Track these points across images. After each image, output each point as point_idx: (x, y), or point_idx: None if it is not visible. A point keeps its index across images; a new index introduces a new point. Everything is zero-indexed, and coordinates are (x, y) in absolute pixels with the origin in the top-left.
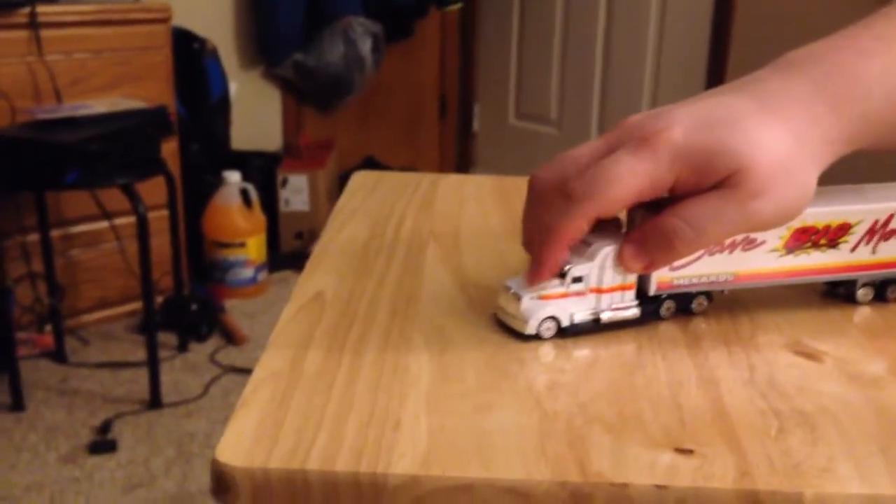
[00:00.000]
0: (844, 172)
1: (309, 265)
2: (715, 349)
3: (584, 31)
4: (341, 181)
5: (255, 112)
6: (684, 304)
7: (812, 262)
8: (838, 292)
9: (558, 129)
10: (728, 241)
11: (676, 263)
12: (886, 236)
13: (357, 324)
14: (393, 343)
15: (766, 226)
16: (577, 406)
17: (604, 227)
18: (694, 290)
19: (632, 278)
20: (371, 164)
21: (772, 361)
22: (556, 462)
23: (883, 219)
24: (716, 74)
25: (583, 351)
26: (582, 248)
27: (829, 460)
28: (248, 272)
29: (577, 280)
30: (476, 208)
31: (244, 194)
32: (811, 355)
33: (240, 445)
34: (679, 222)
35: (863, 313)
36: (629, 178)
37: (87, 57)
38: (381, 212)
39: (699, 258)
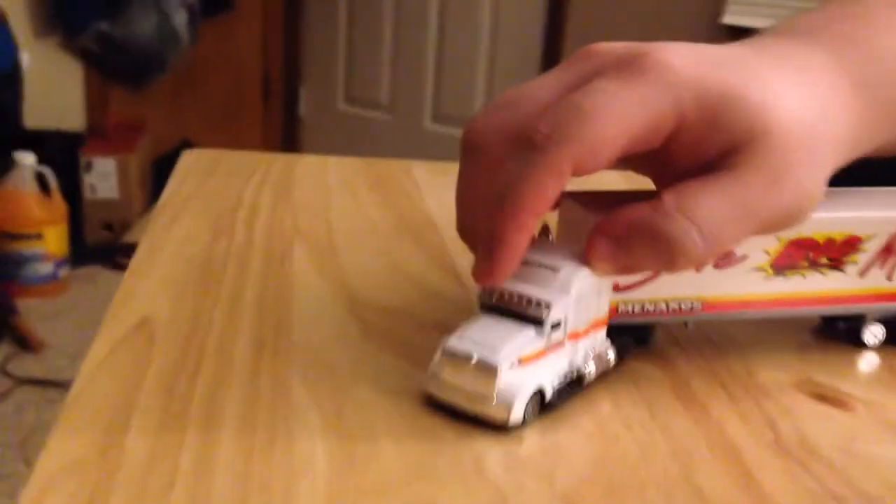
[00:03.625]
0: None
1: (128, 278)
2: (712, 396)
3: (416, 11)
4: (155, 166)
5: (53, 86)
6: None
7: (808, 288)
8: (837, 328)
9: (391, 115)
10: None
11: (623, 283)
12: None
13: (206, 369)
14: (265, 400)
15: (776, 227)
16: (556, 497)
17: (548, 244)
18: (646, 320)
19: (605, 308)
20: (187, 148)
21: (791, 411)
22: None
23: None
24: (552, 56)
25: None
26: (546, 274)
27: None
28: (46, 267)
29: (556, 326)
30: (348, 198)
31: (40, 179)
32: (837, 401)
33: None
34: (687, 225)
35: (871, 355)
36: (618, 110)
37: None
38: (225, 202)
39: (657, 275)
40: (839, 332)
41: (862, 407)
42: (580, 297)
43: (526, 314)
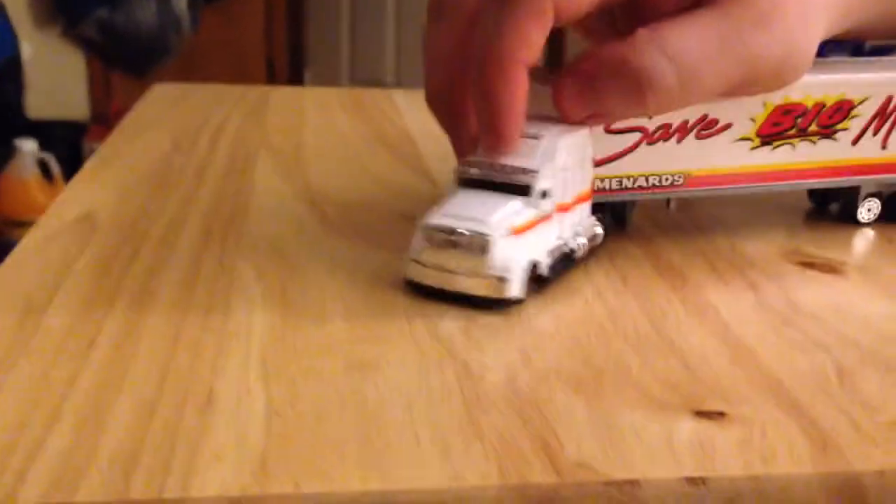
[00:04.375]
0: None
1: (74, 181)
2: (692, 267)
3: None
4: None
5: (56, 77)
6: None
7: (797, 159)
8: (830, 209)
9: None
10: (676, 123)
11: (601, 155)
12: None
13: (146, 253)
14: (206, 277)
15: (763, 77)
16: (517, 356)
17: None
18: (625, 197)
19: (589, 182)
20: None
21: (776, 276)
22: (501, 452)
23: None
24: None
25: None
26: (527, 143)
27: None
28: None
29: (544, 195)
30: (323, 119)
31: (42, 165)
32: (828, 267)
33: None
34: (659, 57)
35: (880, 228)
36: None
37: None
38: (192, 123)
39: (635, 147)
40: (832, 212)
41: (854, 273)
42: (565, 166)
43: (511, 183)
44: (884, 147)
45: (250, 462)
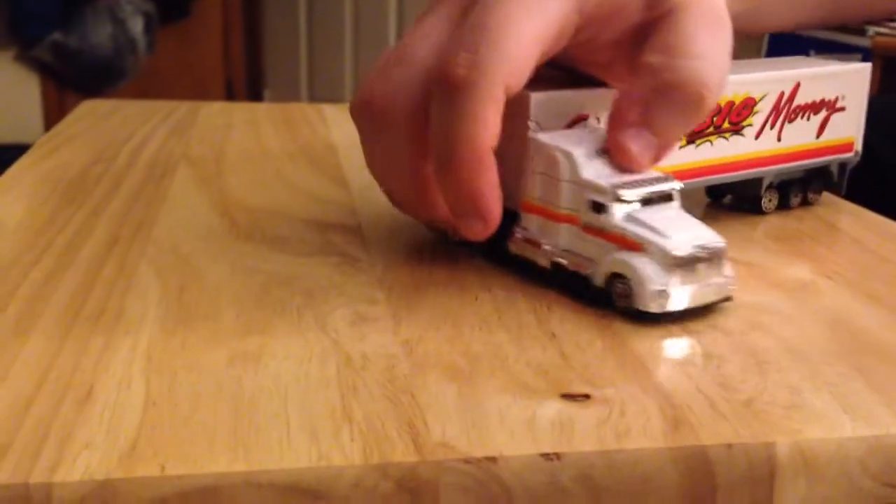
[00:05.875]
0: None
1: None
2: None
3: (376, 7)
4: None
5: (9, 100)
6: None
7: (715, 155)
8: (726, 202)
9: None
10: None
11: None
12: (791, 116)
13: (48, 258)
14: (105, 280)
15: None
16: (398, 346)
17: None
18: None
19: None
20: None
21: None
22: (368, 434)
23: (788, 91)
24: None
25: (395, 273)
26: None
27: (793, 392)
28: None
29: None
30: (248, 132)
31: None
32: None
33: None
34: (689, 59)
35: (767, 222)
36: (523, 20)
37: None
38: (115, 137)
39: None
40: (728, 204)
41: (740, 267)
42: None
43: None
44: (778, 140)
45: (119, 449)
